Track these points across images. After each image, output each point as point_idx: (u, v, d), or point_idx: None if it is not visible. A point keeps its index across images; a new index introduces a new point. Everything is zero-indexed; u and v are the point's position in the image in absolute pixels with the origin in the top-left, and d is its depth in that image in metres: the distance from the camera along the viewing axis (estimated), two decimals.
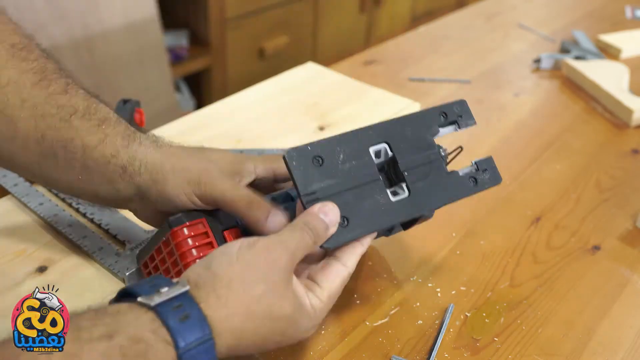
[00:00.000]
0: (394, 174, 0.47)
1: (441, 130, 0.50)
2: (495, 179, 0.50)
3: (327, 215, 0.42)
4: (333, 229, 0.43)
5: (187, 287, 0.37)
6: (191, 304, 0.36)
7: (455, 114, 0.50)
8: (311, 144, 0.44)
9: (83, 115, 0.45)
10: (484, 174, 0.50)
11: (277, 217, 0.45)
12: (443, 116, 0.50)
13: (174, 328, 0.34)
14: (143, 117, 0.72)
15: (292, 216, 0.46)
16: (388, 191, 0.46)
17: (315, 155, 0.43)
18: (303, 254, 0.41)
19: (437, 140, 0.49)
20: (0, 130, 0.45)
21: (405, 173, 0.46)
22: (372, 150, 0.46)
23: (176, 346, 0.34)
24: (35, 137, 0.45)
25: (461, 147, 0.51)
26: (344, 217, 0.43)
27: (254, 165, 0.49)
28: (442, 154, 0.49)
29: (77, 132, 0.45)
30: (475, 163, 0.50)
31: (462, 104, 0.51)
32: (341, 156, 0.44)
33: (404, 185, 0.47)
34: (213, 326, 0.36)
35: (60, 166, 0.46)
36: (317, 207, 0.42)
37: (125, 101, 0.72)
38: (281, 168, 0.49)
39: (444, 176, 0.48)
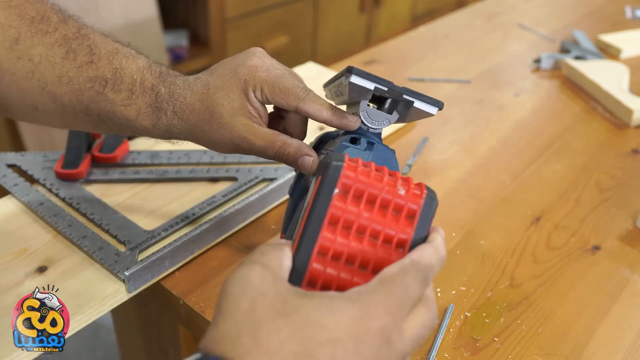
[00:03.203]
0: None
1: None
2: None
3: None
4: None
5: None
6: None
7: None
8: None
9: (113, 86, 0.48)
10: None
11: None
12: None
13: None
14: None
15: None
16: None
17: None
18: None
19: None
20: (49, 106, 0.48)
21: None
22: None
23: None
24: (81, 109, 0.48)
25: None
26: None
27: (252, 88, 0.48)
28: None
29: (115, 105, 0.48)
30: None
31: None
32: None
33: None
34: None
35: (113, 129, 0.50)
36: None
37: None
38: (277, 101, 0.48)
39: None
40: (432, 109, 0.46)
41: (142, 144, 0.72)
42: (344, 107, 0.50)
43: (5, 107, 0.48)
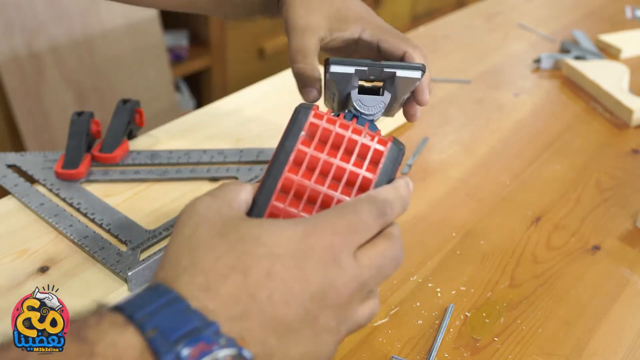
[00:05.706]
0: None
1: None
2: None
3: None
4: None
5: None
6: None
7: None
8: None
9: None
10: None
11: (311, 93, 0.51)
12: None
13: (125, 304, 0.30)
14: (143, 117, 0.72)
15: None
16: None
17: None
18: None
19: None
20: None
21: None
22: None
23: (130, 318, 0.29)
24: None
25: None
26: None
27: (361, 27, 0.54)
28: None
29: None
30: None
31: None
32: None
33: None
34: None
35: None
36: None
37: (125, 101, 0.72)
38: (387, 42, 0.52)
39: None
40: (415, 74, 0.45)
41: (142, 144, 0.72)
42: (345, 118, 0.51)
43: None
